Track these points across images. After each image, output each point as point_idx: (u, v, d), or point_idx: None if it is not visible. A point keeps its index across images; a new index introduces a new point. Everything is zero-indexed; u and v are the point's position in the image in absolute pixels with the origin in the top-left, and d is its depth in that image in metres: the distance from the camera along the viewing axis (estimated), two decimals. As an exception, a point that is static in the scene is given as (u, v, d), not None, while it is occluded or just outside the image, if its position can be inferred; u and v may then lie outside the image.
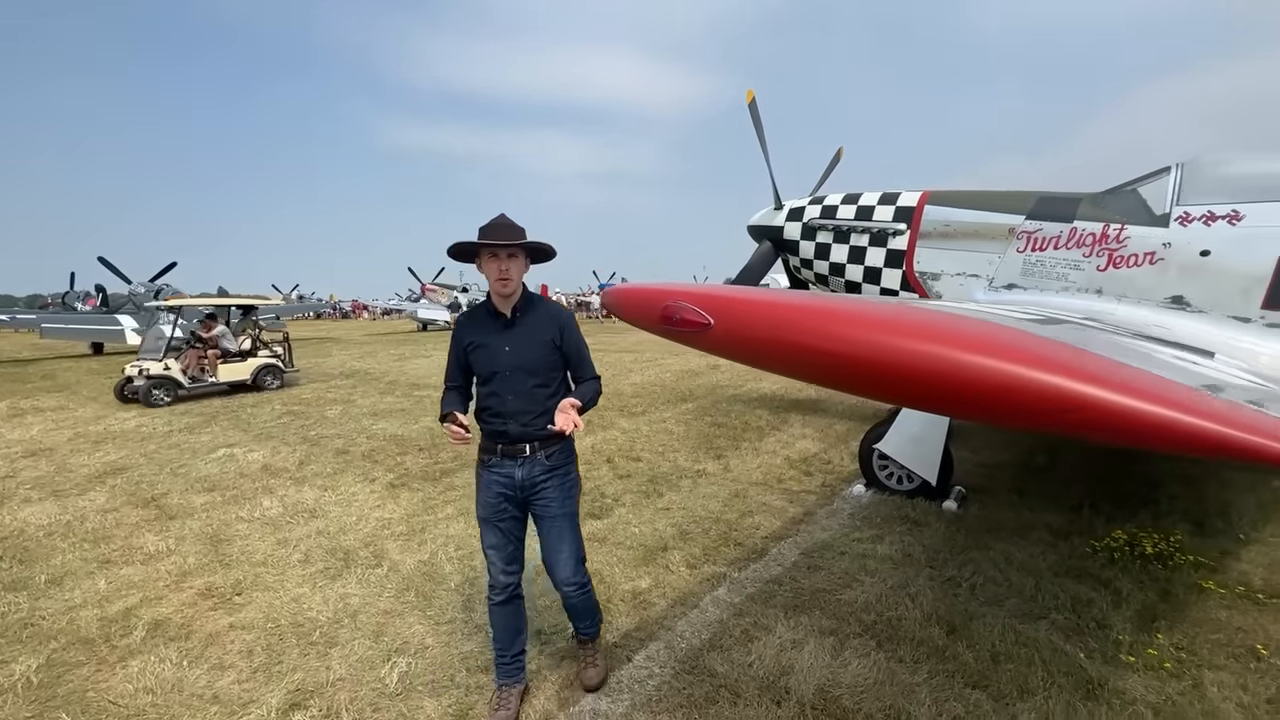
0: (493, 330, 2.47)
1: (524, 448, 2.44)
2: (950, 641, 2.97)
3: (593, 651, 2.82)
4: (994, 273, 5.98)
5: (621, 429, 7.71)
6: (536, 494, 2.49)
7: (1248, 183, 5.04)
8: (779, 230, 7.54)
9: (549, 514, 2.52)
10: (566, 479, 2.54)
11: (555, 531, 2.54)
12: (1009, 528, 4.30)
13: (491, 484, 2.49)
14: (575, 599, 2.65)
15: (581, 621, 2.77)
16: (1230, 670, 2.71)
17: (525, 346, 2.44)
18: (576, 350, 2.55)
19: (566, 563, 2.57)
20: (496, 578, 2.56)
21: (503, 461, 2.47)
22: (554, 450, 2.49)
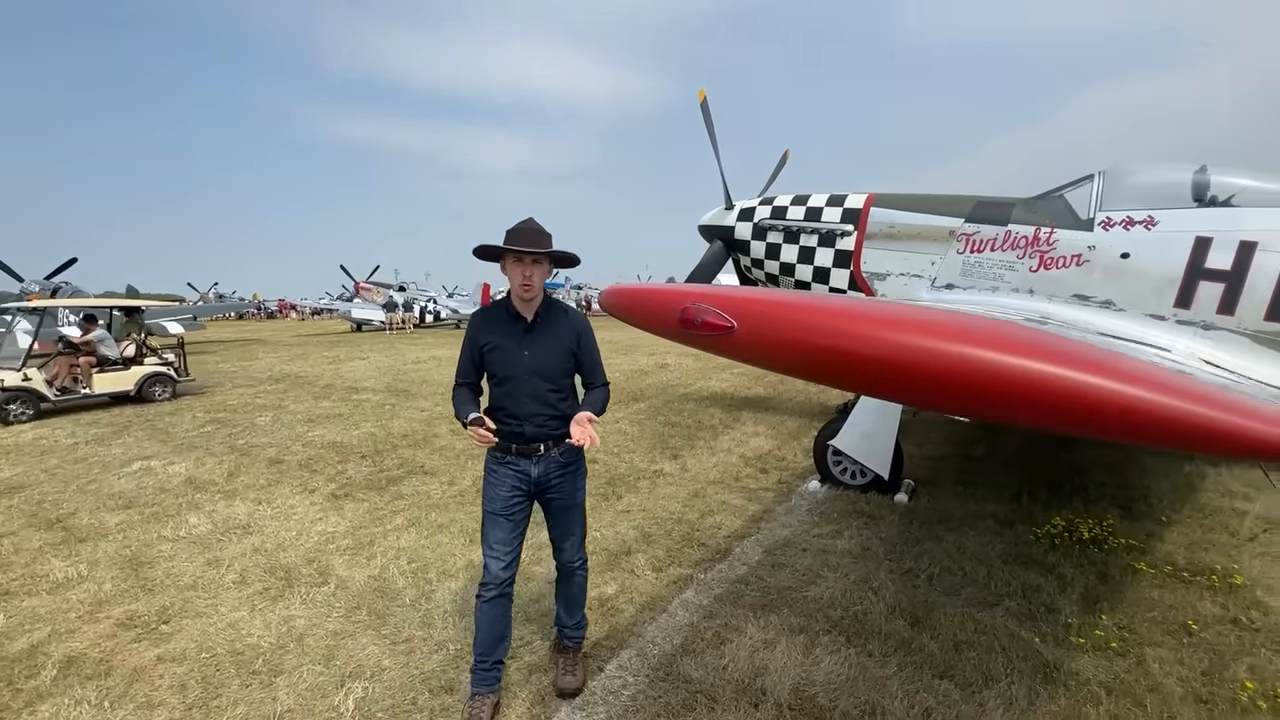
0: (512, 333, 2.50)
1: (539, 447, 2.51)
2: (915, 633, 3.04)
3: (574, 660, 2.78)
4: (935, 273, 6.22)
5: (574, 430, 7.58)
6: (551, 487, 2.58)
7: (1160, 190, 5.42)
8: (730, 230, 7.60)
9: (561, 506, 2.63)
10: (578, 473, 2.67)
11: (566, 519, 2.67)
12: (958, 518, 4.47)
13: (506, 479, 2.53)
14: (578, 576, 2.77)
15: (571, 618, 2.80)
16: (1167, 646, 2.89)
17: (544, 352, 2.49)
18: (591, 359, 2.63)
19: (573, 544, 2.71)
20: (495, 573, 2.53)
21: (518, 459, 2.53)
22: (567, 448, 2.58)
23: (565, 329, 2.55)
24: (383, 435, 7.52)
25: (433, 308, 30.43)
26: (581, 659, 2.83)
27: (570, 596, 2.79)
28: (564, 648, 2.81)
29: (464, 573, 3.83)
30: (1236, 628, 3.03)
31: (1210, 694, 2.56)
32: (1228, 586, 3.37)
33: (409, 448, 6.90)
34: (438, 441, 7.15)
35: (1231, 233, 5.05)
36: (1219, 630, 3.01)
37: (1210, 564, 3.63)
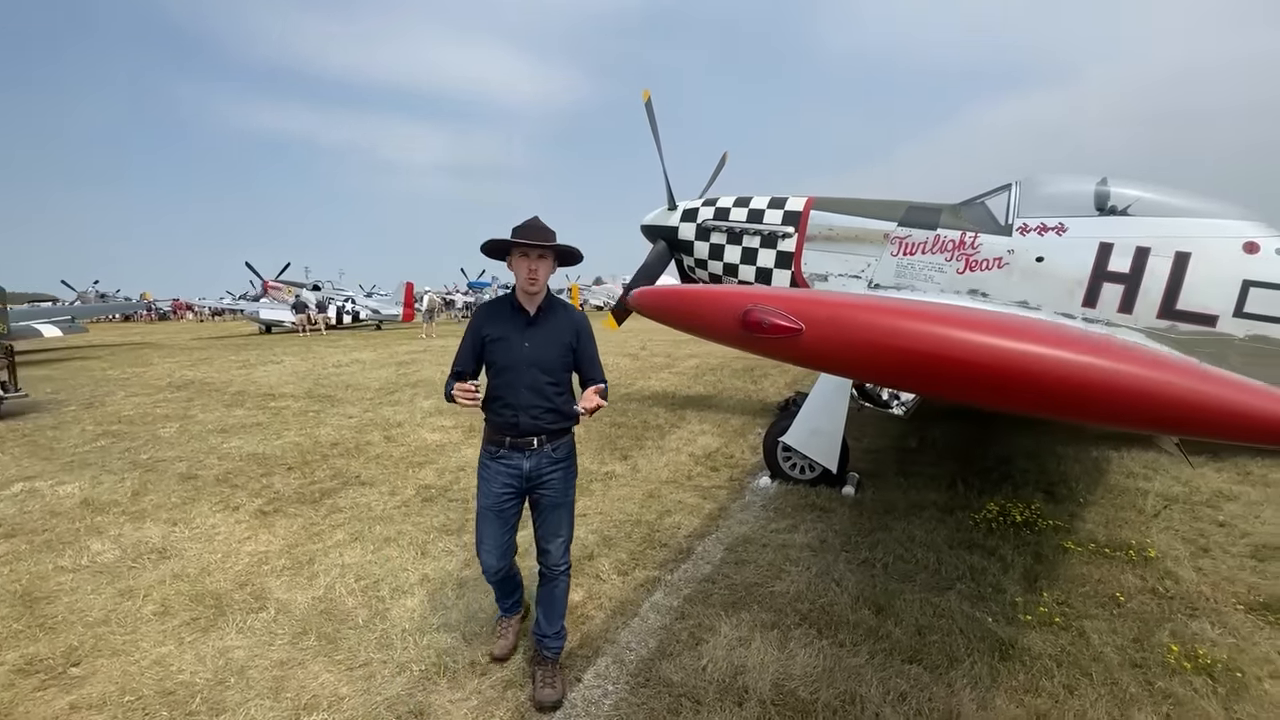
0: (514, 326, 2.59)
1: (532, 440, 2.57)
2: (880, 621, 3.15)
3: (552, 671, 2.70)
4: (872, 274, 6.51)
5: (518, 434, 7.38)
6: (542, 484, 2.63)
7: (1068, 199, 5.91)
8: (673, 230, 7.64)
9: (551, 502, 2.66)
10: (570, 470, 2.71)
11: (554, 518, 2.69)
12: (902, 508, 4.69)
13: (498, 475, 2.61)
14: (561, 583, 2.75)
15: (550, 625, 2.73)
16: (1101, 618, 3.15)
17: (544, 345, 2.57)
18: (589, 355, 2.72)
19: (560, 546, 2.71)
20: (490, 565, 2.70)
21: (511, 453, 2.59)
22: (560, 444, 2.65)
23: (565, 324, 2.65)
24: (309, 445, 7.02)
25: (351, 308, 28.86)
26: (559, 670, 2.75)
27: (552, 604, 2.75)
28: (542, 659, 2.73)
29: (419, 588, 3.62)
30: (1155, 597, 3.34)
31: (1143, 659, 2.80)
32: (1143, 560, 3.72)
33: (341, 457, 6.48)
34: (372, 450, 6.76)
35: (1129, 239, 5.58)
36: (1141, 600, 3.31)
37: (1126, 540, 3.99)
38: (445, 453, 6.61)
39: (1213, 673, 2.67)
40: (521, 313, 2.61)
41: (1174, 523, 4.30)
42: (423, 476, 5.77)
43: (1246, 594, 3.34)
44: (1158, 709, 2.48)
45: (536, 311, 2.62)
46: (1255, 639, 2.94)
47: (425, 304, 26.08)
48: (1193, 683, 2.62)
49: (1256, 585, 3.43)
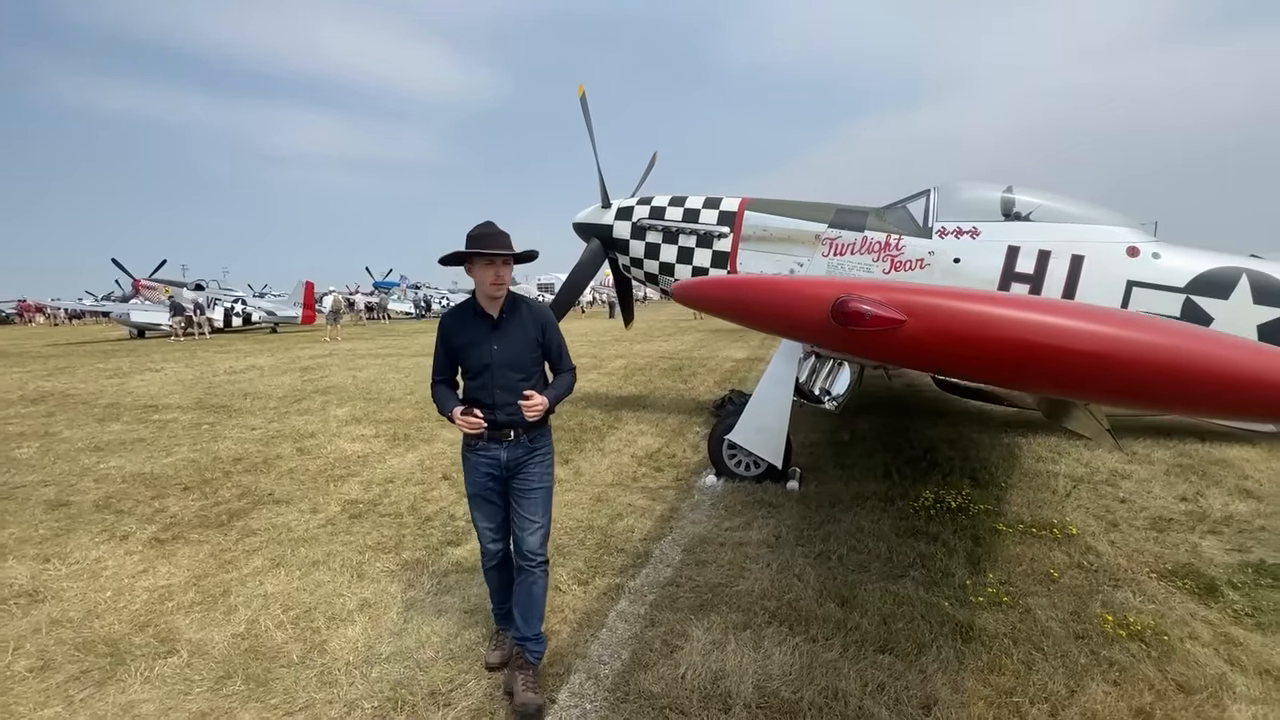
0: (481, 329, 2.65)
1: (509, 433, 2.64)
2: (846, 613, 3.19)
3: (532, 674, 2.62)
4: (803, 274, 6.70)
5: (448, 440, 7.00)
6: (520, 472, 2.69)
7: (979, 205, 6.36)
8: (608, 229, 7.54)
9: (529, 487, 2.70)
10: (546, 457, 2.77)
11: (532, 503, 2.71)
12: (846, 500, 4.83)
13: (479, 465, 2.69)
14: (538, 578, 2.69)
15: (529, 628, 2.66)
16: (1041, 594, 3.36)
17: (511, 344, 2.63)
18: (557, 346, 2.77)
19: (536, 534, 2.71)
20: (488, 546, 2.81)
21: (489, 445, 2.66)
22: (536, 434, 2.71)
23: (530, 321, 2.70)
24: (207, 461, 6.29)
25: (241, 309, 26.45)
26: (538, 673, 2.67)
27: (530, 604, 2.67)
28: (524, 663, 2.64)
29: (360, 615, 3.29)
30: (1082, 571, 3.62)
31: (1084, 630, 3.01)
32: (1066, 537, 4.03)
33: (247, 473, 5.85)
34: (283, 464, 6.15)
35: (1033, 243, 6.07)
36: (1071, 575, 3.57)
37: (1048, 519, 4.32)
38: (369, 464, 6.13)
39: (1144, 638, 2.90)
40: (485, 317, 2.66)
41: (1084, 501, 4.71)
42: (347, 490, 5.31)
43: (1155, 563, 3.69)
44: (1106, 676, 2.66)
45: (500, 314, 2.66)
46: (1171, 604, 3.24)
47: (328, 305, 24.36)
48: (1130, 649, 2.84)
49: (1161, 554, 3.80)
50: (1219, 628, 3.02)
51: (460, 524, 4.52)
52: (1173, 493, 4.81)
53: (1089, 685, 2.61)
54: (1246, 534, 4.07)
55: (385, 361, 14.98)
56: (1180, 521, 4.28)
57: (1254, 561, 3.65)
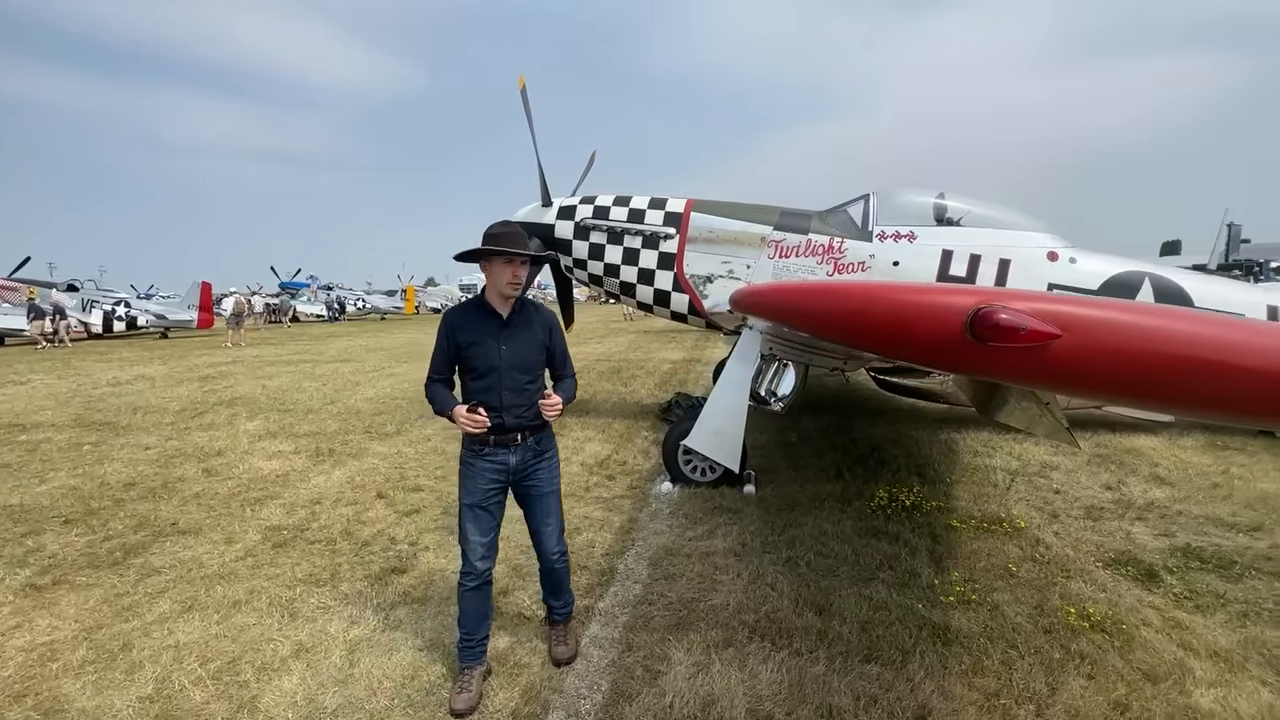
0: (489, 329, 2.59)
1: (516, 437, 2.62)
2: (826, 622, 3.13)
3: (564, 631, 2.94)
4: (751, 276, 6.71)
5: (378, 454, 6.48)
6: (527, 476, 2.70)
7: (914, 210, 6.58)
8: (549, 229, 7.27)
9: (539, 493, 2.74)
10: (553, 461, 2.78)
11: (543, 507, 2.77)
12: (804, 502, 4.83)
13: (484, 471, 2.63)
14: (559, 567, 2.87)
15: (558, 600, 2.95)
16: (1004, 590, 3.44)
17: (520, 346, 2.61)
18: (561, 351, 2.77)
19: (553, 534, 2.81)
20: (473, 564, 2.65)
21: (496, 450, 2.62)
22: (542, 436, 2.72)
23: (539, 323, 2.69)
24: (92, 488, 5.49)
25: (124, 313, 23.83)
26: (572, 629, 3.00)
27: (555, 586, 2.93)
28: (554, 622, 2.98)
29: (296, 662, 2.89)
30: (1036, 564, 3.75)
31: (1050, 624, 3.09)
32: (1015, 530, 4.18)
33: (143, 500, 5.14)
34: (186, 488, 5.46)
35: (965, 247, 6.33)
36: (1027, 568, 3.69)
37: (996, 513, 4.48)
38: (290, 483, 5.55)
39: (1105, 629, 3.02)
40: (495, 316, 2.62)
41: (1023, 494, 4.94)
42: (267, 515, 4.76)
43: (1098, 552, 3.89)
44: (1080, 670, 2.72)
45: (510, 313, 2.63)
46: (1120, 592, 3.40)
47: (230, 307, 22.38)
48: (1094, 640, 2.94)
49: (1101, 543, 4.01)
50: (1165, 613, 3.19)
51: (403, 548, 4.14)
52: (1098, 482, 5.14)
53: (1066, 681, 2.66)
54: (1168, 519, 4.39)
55: (298, 368, 13.89)
56: (1110, 510, 4.56)
57: (1181, 546, 3.92)
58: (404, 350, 18.00)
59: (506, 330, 2.60)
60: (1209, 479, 5.05)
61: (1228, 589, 3.39)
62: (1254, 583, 3.46)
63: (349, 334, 25.82)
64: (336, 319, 37.20)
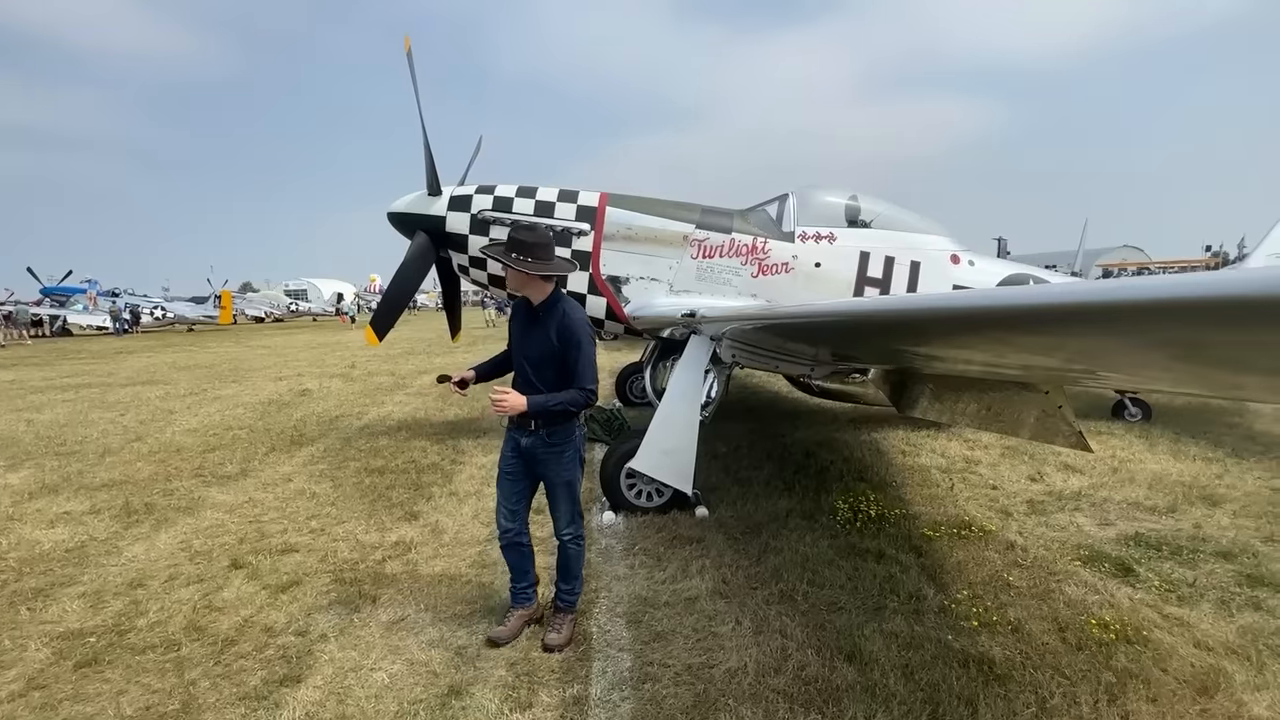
0: (522, 321, 2.99)
1: (529, 423, 2.89)
2: (864, 674, 2.68)
3: (562, 620, 3.05)
4: (673, 278, 6.24)
5: (221, 506, 5.02)
6: (538, 463, 2.96)
7: (831, 211, 6.54)
8: (439, 221, 6.23)
9: (551, 483, 3.01)
10: (564, 455, 2.96)
11: (554, 495, 3.03)
12: (767, 521, 4.41)
13: (507, 444, 3.03)
14: (571, 548, 3.08)
15: (565, 584, 3.12)
16: (1016, 605, 3.24)
17: (532, 342, 2.90)
18: (573, 359, 2.84)
19: (564, 516, 3.04)
20: (501, 524, 3.06)
21: (514, 429, 2.98)
22: (555, 430, 2.91)
23: (551, 324, 2.86)
24: None
25: None
26: (570, 619, 3.09)
27: (564, 565, 3.11)
28: (556, 608, 3.11)
29: None
30: (1022, 570, 3.65)
31: (1078, 640, 2.91)
32: (986, 534, 4.11)
33: None
34: None
35: (880, 249, 6.39)
36: (1018, 575, 3.57)
37: (958, 516, 4.40)
38: (90, 560, 4.01)
39: (1129, 638, 2.90)
40: (529, 311, 2.95)
41: (967, 493, 4.97)
42: (58, 616, 3.32)
43: (1070, 549, 3.90)
44: (1138, 691, 2.54)
45: (537, 310, 2.91)
46: (1111, 591, 3.37)
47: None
48: (1128, 653, 2.80)
49: (1064, 539, 4.06)
50: (1160, 610, 3.19)
51: (289, 641, 3.03)
52: (1021, 475, 5.35)
53: (1133, 706, 2.45)
54: (1098, 507, 4.62)
55: (80, 394, 10.95)
56: (1048, 502, 4.71)
57: (1129, 535, 4.08)
58: (228, 367, 15.15)
59: (530, 324, 2.93)
60: (1107, 465, 5.50)
61: (1194, 576, 3.52)
62: (1209, 566, 3.64)
63: (147, 349, 21.37)
64: (127, 331, 30.91)
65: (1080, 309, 1.57)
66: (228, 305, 35.56)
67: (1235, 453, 5.90)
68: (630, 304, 6.16)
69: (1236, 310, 1.19)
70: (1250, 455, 5.81)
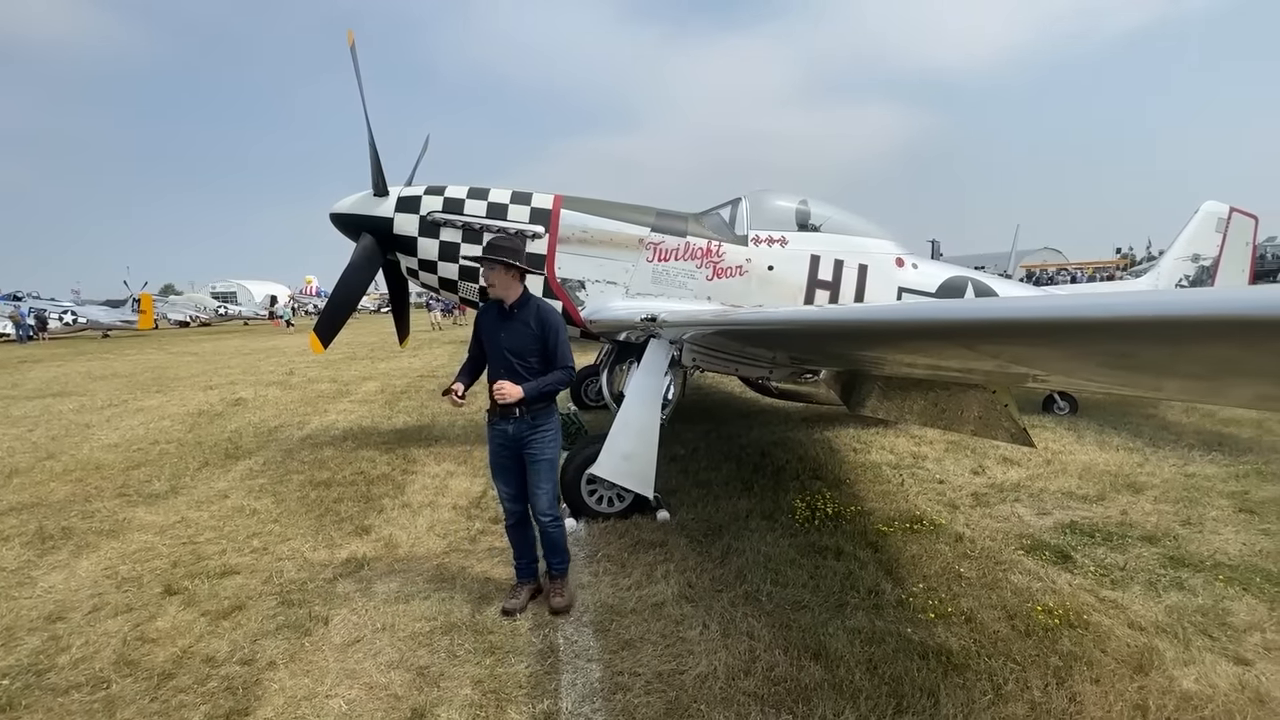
0: (496, 320, 3.28)
1: (514, 411, 3.21)
2: (830, 671, 2.73)
3: (560, 585, 3.41)
4: (630, 281, 6.23)
5: (150, 527, 4.68)
6: (525, 445, 3.27)
7: (783, 215, 6.68)
8: (386, 223, 6.02)
9: (534, 459, 3.29)
10: (548, 433, 3.31)
11: (537, 472, 3.31)
12: (726, 522, 4.45)
13: (494, 438, 3.32)
14: (551, 529, 3.38)
15: (554, 558, 3.43)
16: (968, 595, 3.38)
17: (514, 336, 3.22)
18: (553, 345, 3.24)
19: (544, 497, 3.34)
20: (506, 505, 3.43)
21: (500, 421, 3.27)
22: (539, 413, 3.27)
23: (532, 317, 3.24)
24: None
25: None
26: (565, 582, 3.43)
27: (550, 545, 3.42)
28: (552, 576, 3.46)
29: None
30: (971, 561, 3.81)
31: (1026, 626, 3.06)
32: (938, 528, 4.27)
33: None
34: None
35: (829, 252, 6.56)
36: (968, 567, 3.72)
37: (910, 512, 4.56)
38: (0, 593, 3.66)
39: (1071, 622, 3.07)
40: (501, 310, 3.28)
41: (916, 488, 5.15)
42: None
43: (1013, 539, 4.10)
44: (1084, 675, 2.68)
45: (511, 308, 3.25)
46: (1053, 578, 3.57)
47: None
48: (1071, 636, 2.97)
49: (1007, 530, 4.26)
50: (1098, 594, 3.39)
51: (233, 671, 2.84)
52: (964, 468, 5.60)
53: (1081, 689, 2.59)
54: (1036, 497, 4.88)
55: (-19, 409, 10.01)
56: (991, 495, 4.94)
57: (1065, 523, 4.33)
58: (151, 377, 14.18)
59: (507, 321, 3.24)
60: (1041, 456, 5.82)
61: (1124, 560, 3.76)
62: (1136, 550, 3.89)
63: (56, 358, 19.76)
64: (32, 338, 28.53)
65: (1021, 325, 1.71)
66: (148, 309, 33.31)
67: (1152, 442, 6.35)
68: (586, 307, 6.11)
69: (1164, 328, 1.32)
70: (1165, 444, 6.27)
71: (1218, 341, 1.37)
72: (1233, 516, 4.40)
